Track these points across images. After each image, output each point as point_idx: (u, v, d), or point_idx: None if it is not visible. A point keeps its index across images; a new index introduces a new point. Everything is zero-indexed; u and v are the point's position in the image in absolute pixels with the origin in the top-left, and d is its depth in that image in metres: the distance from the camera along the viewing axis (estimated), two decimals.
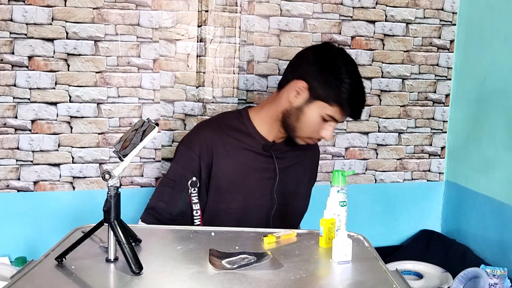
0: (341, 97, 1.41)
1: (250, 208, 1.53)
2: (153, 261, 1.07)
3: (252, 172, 1.52)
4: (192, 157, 1.49)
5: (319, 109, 1.43)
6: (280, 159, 1.55)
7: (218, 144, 1.49)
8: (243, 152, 1.51)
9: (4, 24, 1.74)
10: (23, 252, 1.80)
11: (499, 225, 1.87)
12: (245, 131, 1.53)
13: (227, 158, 1.50)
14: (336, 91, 1.41)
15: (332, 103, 1.42)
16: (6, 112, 1.78)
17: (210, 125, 1.56)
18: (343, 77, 1.41)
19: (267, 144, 1.53)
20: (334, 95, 1.41)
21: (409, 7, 2.09)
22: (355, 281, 1.03)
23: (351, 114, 1.45)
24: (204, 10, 1.88)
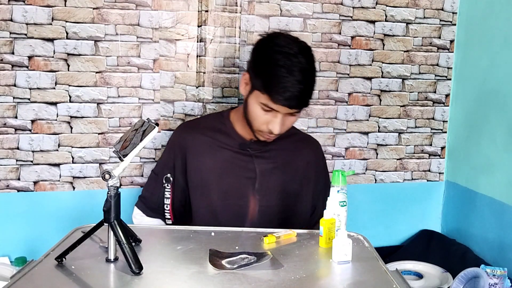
0: (268, 84, 1.37)
1: (229, 206, 1.52)
2: (153, 261, 1.07)
3: (230, 170, 1.52)
4: (169, 155, 1.57)
5: (256, 98, 1.41)
6: (263, 159, 1.53)
7: (192, 144, 1.54)
8: (220, 150, 1.53)
9: (4, 24, 1.74)
10: (23, 252, 1.80)
11: (499, 225, 1.87)
12: (224, 131, 1.55)
13: (202, 156, 1.53)
14: (264, 78, 1.38)
15: (263, 91, 1.38)
16: (6, 112, 1.78)
17: (188, 125, 1.63)
18: (270, 60, 1.38)
19: (244, 143, 1.53)
20: (262, 82, 1.38)
21: (409, 7, 2.09)
22: (355, 281, 1.03)
23: (283, 102, 1.36)
24: (204, 10, 1.88)
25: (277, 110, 1.39)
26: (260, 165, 1.52)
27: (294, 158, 1.58)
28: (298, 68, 1.37)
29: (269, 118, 1.41)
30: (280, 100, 1.36)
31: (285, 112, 1.40)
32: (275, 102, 1.37)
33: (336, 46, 2.03)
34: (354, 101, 2.09)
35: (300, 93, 1.37)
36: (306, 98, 1.41)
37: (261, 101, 1.39)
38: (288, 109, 1.39)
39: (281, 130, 1.42)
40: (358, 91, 2.08)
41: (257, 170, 1.52)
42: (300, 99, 1.38)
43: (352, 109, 2.09)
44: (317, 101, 2.04)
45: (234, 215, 1.50)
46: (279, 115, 1.40)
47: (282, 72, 1.35)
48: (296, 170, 1.58)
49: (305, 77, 1.38)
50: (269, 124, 1.42)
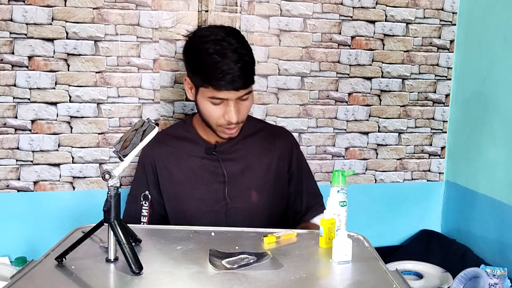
0: (206, 76, 1.36)
1: (205, 214, 1.50)
2: (153, 261, 1.07)
3: (200, 178, 1.51)
4: (142, 173, 1.57)
5: (203, 96, 1.41)
6: (230, 161, 1.51)
7: (159, 157, 1.53)
8: (187, 159, 1.52)
9: (4, 24, 1.74)
10: (23, 252, 1.80)
11: (499, 225, 1.87)
12: (189, 138, 1.54)
13: (171, 167, 1.52)
14: (199, 71, 1.38)
15: (205, 85, 1.38)
16: (6, 112, 1.78)
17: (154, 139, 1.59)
18: (200, 53, 1.38)
19: (209, 147, 1.52)
20: (201, 77, 1.38)
21: (409, 7, 2.09)
22: (355, 281, 1.03)
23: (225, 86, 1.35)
24: (204, 10, 1.88)
25: (226, 98, 1.38)
26: (229, 168, 1.50)
27: (264, 154, 1.55)
28: (230, 49, 1.36)
29: (223, 109, 1.40)
30: (224, 86, 1.35)
31: (234, 97, 1.38)
32: (219, 90, 1.36)
33: (336, 46, 2.03)
34: (354, 101, 2.09)
35: (241, 72, 1.35)
36: (248, 76, 1.39)
37: (208, 96, 1.39)
38: (236, 92, 1.37)
39: (238, 118, 1.41)
40: (358, 91, 2.08)
41: (226, 173, 1.50)
42: (242, 78, 1.36)
43: (352, 109, 2.09)
44: (317, 101, 2.04)
45: (211, 222, 1.47)
46: (230, 103, 1.39)
47: (215, 58, 1.34)
48: (268, 166, 1.54)
49: (240, 55, 1.37)
50: (225, 115, 1.40)
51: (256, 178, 1.53)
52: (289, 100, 2.02)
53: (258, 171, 1.53)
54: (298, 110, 2.03)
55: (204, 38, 1.39)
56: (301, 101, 2.03)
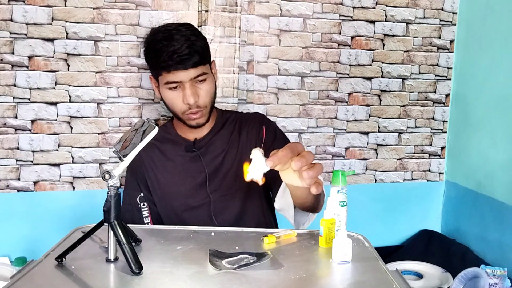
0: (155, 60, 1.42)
1: (193, 211, 1.53)
2: (153, 261, 1.07)
3: (184, 176, 1.53)
4: (132, 178, 1.58)
5: (162, 85, 1.46)
6: (210, 153, 1.54)
7: (146, 161, 1.56)
8: (170, 159, 1.55)
9: (4, 24, 1.74)
10: (23, 252, 1.80)
11: (499, 225, 1.87)
12: (170, 139, 1.58)
13: (156, 171, 1.55)
14: (151, 60, 1.44)
15: (159, 71, 1.43)
16: (6, 112, 1.78)
17: None
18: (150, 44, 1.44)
19: (189, 144, 1.55)
20: (153, 64, 1.45)
21: (409, 7, 2.09)
22: (355, 281, 1.03)
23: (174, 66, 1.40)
24: (204, 10, 1.88)
25: (179, 80, 1.42)
26: (208, 161, 1.53)
27: (237, 139, 1.57)
28: (178, 35, 1.41)
29: (181, 93, 1.44)
30: (172, 66, 1.39)
31: (187, 78, 1.42)
32: (170, 71, 1.40)
33: (336, 46, 2.03)
34: (354, 101, 2.09)
35: (188, 51, 1.40)
36: (197, 55, 1.42)
37: (164, 82, 1.43)
38: (186, 72, 1.41)
39: (196, 100, 1.44)
40: (358, 91, 2.08)
41: (206, 168, 1.52)
42: (190, 57, 1.40)
43: (352, 109, 2.09)
44: (317, 101, 2.04)
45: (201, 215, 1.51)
46: (186, 85, 1.43)
47: (162, 43, 1.40)
48: (241, 150, 1.55)
49: (187, 37, 1.42)
50: (183, 99, 1.44)
51: (234, 166, 1.54)
52: (289, 100, 2.02)
53: (234, 158, 1.55)
54: (298, 110, 2.03)
55: (155, 31, 1.47)
56: (301, 101, 2.03)
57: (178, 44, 1.39)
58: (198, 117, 1.48)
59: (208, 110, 1.50)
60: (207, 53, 1.48)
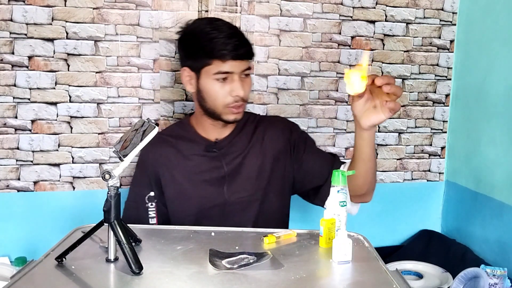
0: (208, 49, 1.42)
1: (208, 210, 1.51)
2: (153, 261, 1.07)
3: (201, 176, 1.52)
4: (143, 174, 1.57)
5: (207, 76, 1.44)
6: (230, 154, 1.53)
7: (160, 158, 1.54)
8: (187, 159, 1.53)
9: (4, 24, 1.74)
10: (23, 252, 1.80)
11: (499, 225, 1.87)
12: (187, 137, 1.56)
13: (172, 169, 1.53)
14: (202, 49, 1.43)
15: (210, 61, 1.42)
16: (6, 112, 1.78)
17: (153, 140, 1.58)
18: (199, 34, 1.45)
19: (210, 144, 1.53)
20: (203, 53, 1.43)
21: (409, 7, 2.09)
22: (355, 281, 1.03)
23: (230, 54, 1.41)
24: (204, 10, 1.88)
25: (231, 70, 1.42)
26: (229, 162, 1.52)
27: (260, 142, 1.56)
28: (225, 26, 1.45)
29: (228, 86, 1.44)
30: (227, 54, 1.40)
31: (238, 70, 1.43)
32: (225, 59, 1.41)
33: (336, 46, 2.03)
34: None
35: (239, 41, 1.43)
36: (247, 45, 1.45)
37: (213, 72, 1.43)
38: (239, 63, 1.42)
39: (245, 93, 1.45)
40: None
41: (226, 168, 1.52)
42: (243, 46, 1.44)
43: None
44: (317, 101, 2.04)
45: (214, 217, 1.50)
46: (235, 77, 1.44)
47: (214, 33, 1.42)
48: (264, 153, 1.55)
49: (235, 29, 1.46)
50: (232, 92, 1.44)
51: (254, 168, 1.54)
52: (289, 100, 2.02)
53: (256, 161, 1.54)
54: (298, 110, 2.03)
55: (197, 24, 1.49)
56: (301, 101, 2.03)
57: (229, 35, 1.42)
58: (240, 111, 1.48)
59: (245, 106, 1.51)
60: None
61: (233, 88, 1.44)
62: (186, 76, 1.51)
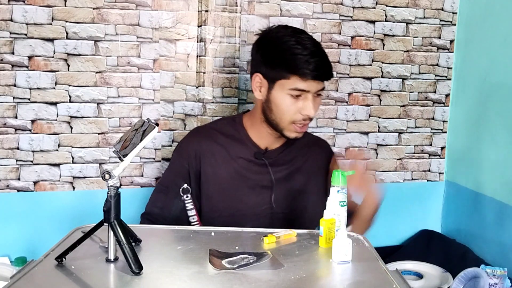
0: (290, 66, 1.37)
1: (244, 217, 1.49)
2: (153, 261, 1.07)
3: (244, 181, 1.50)
4: (182, 164, 1.51)
5: (282, 89, 1.40)
6: (277, 166, 1.52)
7: (206, 153, 1.50)
8: (233, 160, 1.50)
9: (4, 24, 1.74)
10: (23, 252, 1.80)
11: (499, 225, 1.87)
12: (238, 138, 1.53)
13: (216, 166, 1.50)
14: (282, 61, 1.39)
15: (288, 75, 1.38)
16: (6, 112, 1.78)
17: (201, 132, 1.57)
18: (282, 45, 1.40)
19: (259, 152, 1.51)
20: (283, 66, 1.39)
21: (409, 7, 2.09)
22: (355, 281, 1.03)
23: (312, 74, 1.37)
24: (204, 10, 1.88)
25: (307, 89, 1.39)
26: (276, 173, 1.51)
27: (305, 161, 1.57)
28: (309, 42, 1.40)
29: (300, 103, 1.40)
30: (309, 74, 1.36)
31: (314, 89, 1.40)
32: (304, 78, 1.37)
33: (336, 46, 2.03)
34: (354, 101, 2.09)
35: (322, 62, 1.39)
36: (329, 66, 1.42)
37: (289, 87, 1.39)
38: (317, 83, 1.39)
39: (315, 112, 1.42)
40: (358, 91, 2.08)
41: (273, 178, 1.50)
42: (325, 67, 1.40)
43: (352, 109, 2.09)
44: None
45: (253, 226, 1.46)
46: (309, 96, 1.40)
47: (298, 49, 1.37)
48: (307, 174, 1.57)
49: (319, 47, 1.42)
50: (302, 110, 1.40)
51: (299, 185, 1.54)
52: None
53: (301, 178, 1.55)
54: None
55: (281, 33, 1.43)
56: None
57: (313, 54, 1.38)
58: (303, 130, 1.47)
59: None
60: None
61: (304, 107, 1.40)
62: (257, 82, 1.46)
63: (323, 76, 1.40)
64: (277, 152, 1.53)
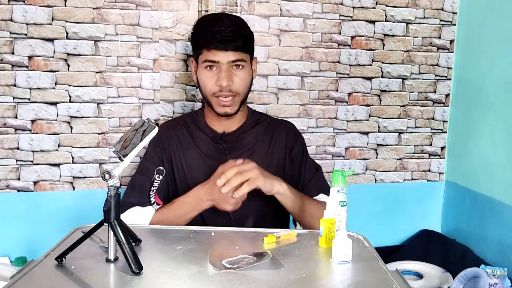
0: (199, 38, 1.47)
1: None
2: (153, 261, 1.08)
3: (207, 165, 1.54)
4: (155, 152, 1.58)
5: (200, 65, 1.49)
6: (235, 150, 1.55)
7: (174, 139, 1.58)
8: (195, 145, 1.57)
9: (4, 24, 1.74)
10: (23, 252, 1.80)
11: (499, 225, 1.87)
12: (198, 126, 1.60)
13: (184, 152, 1.57)
14: (195, 37, 1.50)
15: (200, 49, 1.47)
16: (6, 112, 1.78)
17: (168, 123, 1.65)
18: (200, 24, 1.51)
19: (216, 136, 1.56)
20: (196, 43, 1.49)
21: (409, 7, 2.09)
22: (355, 281, 1.03)
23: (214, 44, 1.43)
24: (204, 10, 1.88)
25: (217, 60, 1.45)
26: (234, 156, 1.51)
27: (266, 143, 1.59)
28: (227, 19, 1.47)
29: (216, 76, 1.46)
30: (213, 43, 1.43)
31: (225, 60, 1.45)
32: (210, 48, 1.44)
33: (336, 46, 2.03)
34: (354, 101, 2.09)
35: (232, 33, 1.44)
36: (240, 39, 1.46)
37: (202, 61, 1.47)
38: (226, 54, 1.44)
39: (229, 84, 1.46)
40: (358, 91, 2.08)
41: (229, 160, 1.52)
42: (233, 39, 1.44)
43: (352, 109, 2.09)
44: (317, 101, 2.04)
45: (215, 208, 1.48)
46: (222, 67, 1.46)
47: (209, 23, 1.46)
48: (270, 155, 1.58)
49: (235, 23, 1.47)
50: (217, 81, 1.46)
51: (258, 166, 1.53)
52: (289, 100, 2.02)
53: (261, 160, 1.54)
54: (298, 110, 2.03)
55: (206, 15, 1.55)
56: (301, 101, 2.03)
57: (223, 26, 1.44)
58: (228, 104, 1.49)
59: (239, 100, 1.51)
60: (250, 44, 1.52)
61: (218, 78, 1.46)
62: (193, 66, 1.56)
63: (227, 46, 1.43)
64: (234, 135, 1.57)
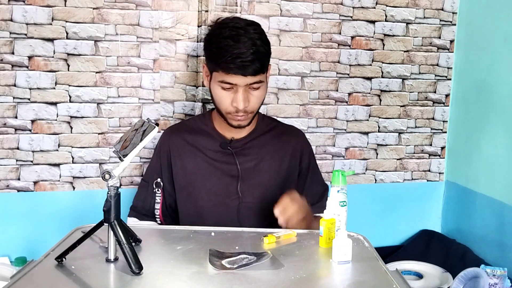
0: (218, 59, 1.39)
1: (218, 207, 1.52)
2: (153, 261, 1.08)
3: (213, 171, 1.53)
4: (157, 160, 1.59)
5: (215, 80, 1.44)
6: (244, 156, 1.54)
7: (175, 146, 1.56)
8: (202, 151, 1.54)
9: (4, 24, 1.74)
10: (23, 252, 1.80)
11: (499, 225, 1.87)
12: (206, 131, 1.57)
13: (185, 159, 1.55)
14: (212, 54, 1.42)
15: (217, 69, 1.41)
16: (6, 112, 1.78)
17: (173, 129, 1.63)
18: (214, 38, 1.42)
19: (225, 142, 1.54)
20: (215, 60, 1.41)
21: (409, 7, 2.09)
22: (355, 281, 1.03)
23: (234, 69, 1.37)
24: (204, 10, 1.88)
25: (235, 83, 1.40)
26: (242, 162, 1.53)
27: (277, 151, 1.58)
28: (246, 37, 1.39)
29: (232, 96, 1.43)
30: (233, 69, 1.38)
31: (243, 83, 1.41)
32: (228, 73, 1.39)
33: (336, 46, 2.03)
34: (354, 101, 2.09)
35: (252, 58, 1.38)
36: (259, 63, 1.40)
37: (219, 80, 1.42)
38: (244, 78, 1.39)
39: (246, 106, 1.43)
40: (358, 91, 2.08)
41: (240, 168, 1.52)
42: (252, 64, 1.38)
43: (352, 109, 2.09)
44: (317, 101, 2.04)
45: (222, 215, 1.50)
46: (239, 89, 1.42)
47: (229, 42, 1.38)
48: (280, 163, 1.57)
49: (254, 43, 1.39)
50: (233, 102, 1.43)
51: (268, 175, 1.55)
52: (289, 100, 2.02)
53: (270, 167, 1.55)
54: (298, 110, 2.03)
55: (223, 24, 1.44)
56: (301, 101, 2.03)
57: (243, 47, 1.37)
58: (242, 119, 1.47)
59: (253, 115, 1.50)
60: (268, 60, 1.46)
61: (235, 99, 1.42)
62: (204, 71, 1.52)
63: (249, 72, 1.38)
64: (243, 141, 1.55)
